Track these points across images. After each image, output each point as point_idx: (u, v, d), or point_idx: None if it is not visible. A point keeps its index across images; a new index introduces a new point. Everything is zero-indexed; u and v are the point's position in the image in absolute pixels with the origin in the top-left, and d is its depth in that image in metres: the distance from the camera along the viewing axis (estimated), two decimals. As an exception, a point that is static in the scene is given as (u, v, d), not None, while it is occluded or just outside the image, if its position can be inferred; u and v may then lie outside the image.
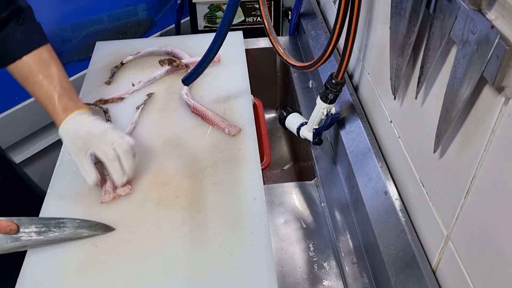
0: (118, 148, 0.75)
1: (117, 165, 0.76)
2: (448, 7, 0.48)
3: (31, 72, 0.78)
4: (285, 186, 1.02)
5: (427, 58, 0.54)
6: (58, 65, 0.81)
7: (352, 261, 0.83)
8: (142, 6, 1.62)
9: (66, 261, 0.70)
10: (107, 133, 0.76)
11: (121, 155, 0.75)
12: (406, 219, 0.67)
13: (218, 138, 0.91)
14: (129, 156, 0.76)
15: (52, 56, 0.81)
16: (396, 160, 0.73)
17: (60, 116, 0.77)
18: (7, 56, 0.78)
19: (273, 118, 1.58)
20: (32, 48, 0.78)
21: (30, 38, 0.79)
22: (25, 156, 1.35)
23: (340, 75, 0.78)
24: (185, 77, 0.98)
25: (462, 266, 0.52)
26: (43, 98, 0.78)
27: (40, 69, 0.78)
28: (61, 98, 0.78)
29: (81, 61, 1.43)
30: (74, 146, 0.76)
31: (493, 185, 0.46)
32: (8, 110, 1.27)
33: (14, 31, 0.77)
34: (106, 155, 0.75)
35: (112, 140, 0.75)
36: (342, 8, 0.68)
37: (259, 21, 1.64)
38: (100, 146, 0.75)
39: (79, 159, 0.77)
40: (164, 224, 0.75)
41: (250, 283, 0.66)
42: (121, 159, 0.76)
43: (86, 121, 0.78)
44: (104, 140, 0.75)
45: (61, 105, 0.77)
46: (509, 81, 0.41)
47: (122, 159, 0.76)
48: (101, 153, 0.75)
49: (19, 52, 0.77)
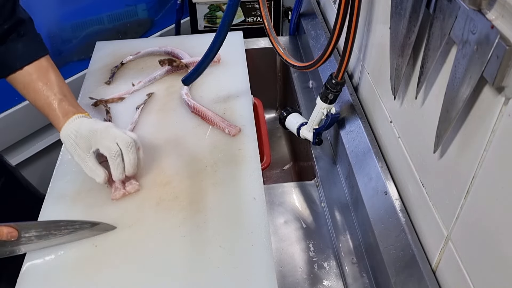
0: (120, 142, 0.75)
1: (119, 161, 0.76)
2: (448, 7, 0.48)
3: (31, 80, 0.79)
4: (285, 186, 1.02)
5: (427, 58, 0.54)
6: (56, 72, 0.82)
7: (352, 261, 0.83)
8: (142, 6, 1.62)
9: (66, 261, 0.70)
10: (110, 128, 0.76)
11: (123, 149, 0.75)
12: (406, 219, 0.67)
13: (218, 138, 0.91)
14: (131, 151, 0.76)
15: (51, 64, 0.83)
16: (396, 160, 0.73)
17: (60, 121, 0.78)
18: (8, 67, 0.79)
19: (273, 118, 1.58)
20: (33, 59, 0.80)
21: (31, 50, 0.80)
22: (24, 157, 1.34)
23: (340, 75, 0.78)
24: (185, 77, 0.98)
25: (462, 266, 0.52)
26: (43, 105, 0.79)
27: (39, 77, 0.79)
28: (61, 103, 0.79)
29: (81, 61, 1.43)
30: (76, 147, 0.76)
31: (493, 185, 0.46)
32: (8, 110, 1.27)
33: (15, 43, 0.79)
34: (110, 150, 0.74)
35: (115, 135, 0.75)
36: (342, 8, 0.68)
37: (259, 21, 1.64)
38: (103, 142, 0.75)
39: (83, 159, 0.76)
40: (164, 224, 0.75)
41: (250, 283, 0.66)
42: (124, 154, 0.75)
43: (87, 121, 0.78)
44: (106, 135, 0.75)
45: (62, 111, 0.78)
46: (509, 81, 0.41)
47: (125, 154, 0.75)
48: (105, 148, 0.75)
49: (20, 63, 0.79)
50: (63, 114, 0.78)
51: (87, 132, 0.76)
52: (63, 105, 0.79)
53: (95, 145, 0.75)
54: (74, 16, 1.44)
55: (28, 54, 0.80)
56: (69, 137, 0.77)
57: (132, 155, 0.76)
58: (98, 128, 0.76)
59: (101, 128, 0.76)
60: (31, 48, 0.81)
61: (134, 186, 0.79)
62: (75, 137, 0.76)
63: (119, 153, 0.75)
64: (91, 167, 0.76)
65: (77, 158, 0.77)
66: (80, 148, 0.76)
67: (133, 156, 0.76)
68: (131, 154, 0.76)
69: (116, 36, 1.57)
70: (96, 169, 0.76)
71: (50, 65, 0.82)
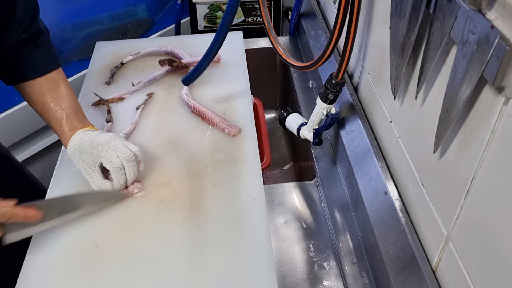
0: (121, 156, 0.75)
1: (122, 174, 0.76)
2: (448, 7, 0.48)
3: (41, 93, 0.80)
4: (285, 186, 1.02)
5: (427, 58, 0.54)
6: (67, 85, 0.83)
7: (352, 261, 0.83)
8: (142, 6, 1.62)
9: (66, 261, 0.70)
10: (111, 141, 0.76)
11: (124, 164, 0.75)
12: (406, 219, 0.67)
13: (218, 138, 0.91)
14: (132, 165, 0.76)
15: (62, 77, 0.83)
16: (396, 160, 0.73)
17: (67, 136, 0.78)
18: (22, 75, 0.80)
19: (273, 118, 1.58)
20: (47, 71, 0.80)
21: (46, 61, 0.81)
22: (25, 156, 1.34)
23: (340, 75, 0.78)
24: (185, 77, 0.98)
25: (462, 266, 0.52)
26: (50, 119, 0.80)
27: (49, 89, 0.80)
28: (68, 118, 0.79)
29: (81, 61, 1.43)
30: (83, 163, 0.77)
31: (493, 185, 0.46)
32: (8, 110, 1.27)
33: (31, 52, 0.79)
34: (112, 164, 0.75)
35: (116, 148, 0.75)
36: (342, 8, 0.68)
37: (259, 21, 1.64)
38: (105, 155, 0.75)
39: (89, 174, 0.77)
40: (164, 224, 0.75)
41: (250, 283, 0.66)
42: (125, 168, 0.76)
43: (89, 135, 0.78)
44: (108, 148, 0.75)
45: (68, 125, 0.79)
46: (509, 81, 0.41)
47: (126, 168, 0.76)
48: (108, 162, 0.75)
49: (33, 74, 0.79)
50: (69, 128, 0.79)
51: (89, 146, 0.76)
52: (69, 120, 0.79)
53: (98, 159, 0.75)
54: (74, 16, 1.44)
55: (42, 66, 0.80)
56: (75, 154, 0.78)
57: (132, 170, 0.77)
58: (99, 142, 0.76)
59: (102, 142, 0.76)
60: (46, 59, 0.81)
61: (137, 186, 0.80)
62: (79, 153, 0.77)
63: (121, 166, 0.75)
64: (97, 183, 0.77)
65: (84, 174, 0.78)
66: (86, 164, 0.77)
67: (134, 170, 0.77)
68: (131, 169, 0.76)
69: (116, 36, 1.57)
70: (102, 184, 0.77)
71: (61, 78, 0.83)
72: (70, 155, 0.79)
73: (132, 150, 0.76)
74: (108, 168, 0.75)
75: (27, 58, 0.79)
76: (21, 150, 1.35)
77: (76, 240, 0.73)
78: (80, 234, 0.74)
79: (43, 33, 0.82)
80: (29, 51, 0.79)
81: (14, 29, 0.76)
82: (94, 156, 0.75)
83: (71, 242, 0.72)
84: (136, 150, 0.77)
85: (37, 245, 0.72)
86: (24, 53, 0.79)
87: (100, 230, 0.74)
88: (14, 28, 0.76)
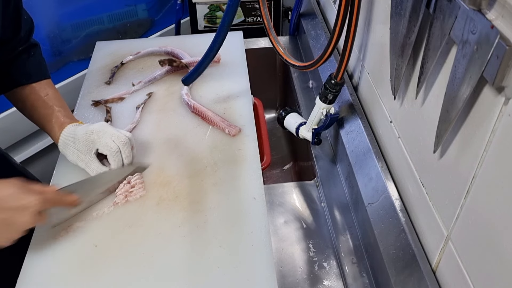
0: (117, 141, 0.78)
1: (119, 158, 0.79)
2: (448, 7, 0.48)
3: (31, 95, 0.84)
4: (285, 186, 1.02)
5: (427, 58, 0.54)
6: (56, 91, 0.87)
7: (352, 261, 0.83)
8: (142, 6, 1.62)
9: (66, 261, 0.70)
10: (105, 127, 0.79)
11: (120, 147, 0.78)
12: (406, 219, 0.67)
13: (218, 138, 0.91)
14: (127, 149, 0.79)
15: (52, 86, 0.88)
16: (396, 160, 0.73)
17: (57, 132, 0.82)
18: (14, 82, 0.83)
19: (273, 118, 1.58)
20: (37, 80, 0.85)
21: (37, 71, 0.86)
22: (25, 156, 1.34)
23: (339, 76, 0.78)
24: (185, 77, 0.98)
25: (462, 266, 0.52)
26: (40, 117, 0.83)
27: (39, 91, 0.84)
28: (58, 114, 0.83)
29: (81, 61, 1.43)
30: (78, 153, 0.80)
31: (493, 185, 0.46)
32: (8, 110, 1.27)
33: (24, 61, 0.85)
34: (110, 148, 0.77)
35: (111, 133, 0.78)
36: (342, 8, 0.68)
37: (259, 21, 1.63)
38: (102, 140, 0.77)
39: (86, 163, 0.80)
40: (164, 224, 0.75)
41: (250, 283, 0.66)
42: (121, 151, 0.79)
43: (81, 126, 0.82)
44: (103, 134, 0.78)
45: (58, 121, 0.82)
46: (509, 81, 0.41)
47: (122, 152, 0.79)
48: (105, 147, 0.77)
49: (25, 81, 0.84)
50: (59, 124, 0.82)
51: (84, 134, 0.79)
52: (59, 116, 0.83)
53: (94, 146, 0.78)
54: (74, 16, 1.44)
55: (34, 74, 0.85)
56: (68, 146, 0.80)
57: (128, 153, 0.79)
58: (94, 128, 0.79)
59: (97, 128, 0.79)
60: (37, 69, 0.86)
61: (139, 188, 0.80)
62: (73, 143, 0.80)
63: (118, 150, 0.78)
64: (95, 169, 0.79)
65: (80, 163, 0.81)
66: (82, 152, 0.79)
67: (129, 154, 0.80)
68: (127, 152, 0.79)
69: (116, 36, 1.57)
70: (100, 170, 0.79)
71: (51, 86, 0.87)
72: (61, 148, 0.82)
73: (126, 135, 0.80)
74: (105, 152, 0.78)
75: (21, 65, 0.83)
76: (21, 150, 1.35)
77: (76, 240, 0.73)
78: (80, 234, 0.74)
79: (36, 45, 0.88)
80: (22, 60, 0.84)
81: (15, 46, 0.82)
82: (90, 143, 0.78)
83: (71, 242, 0.72)
84: (129, 135, 0.81)
85: (37, 245, 0.72)
86: (17, 62, 0.83)
87: (100, 230, 0.74)
88: (15, 46, 0.82)
